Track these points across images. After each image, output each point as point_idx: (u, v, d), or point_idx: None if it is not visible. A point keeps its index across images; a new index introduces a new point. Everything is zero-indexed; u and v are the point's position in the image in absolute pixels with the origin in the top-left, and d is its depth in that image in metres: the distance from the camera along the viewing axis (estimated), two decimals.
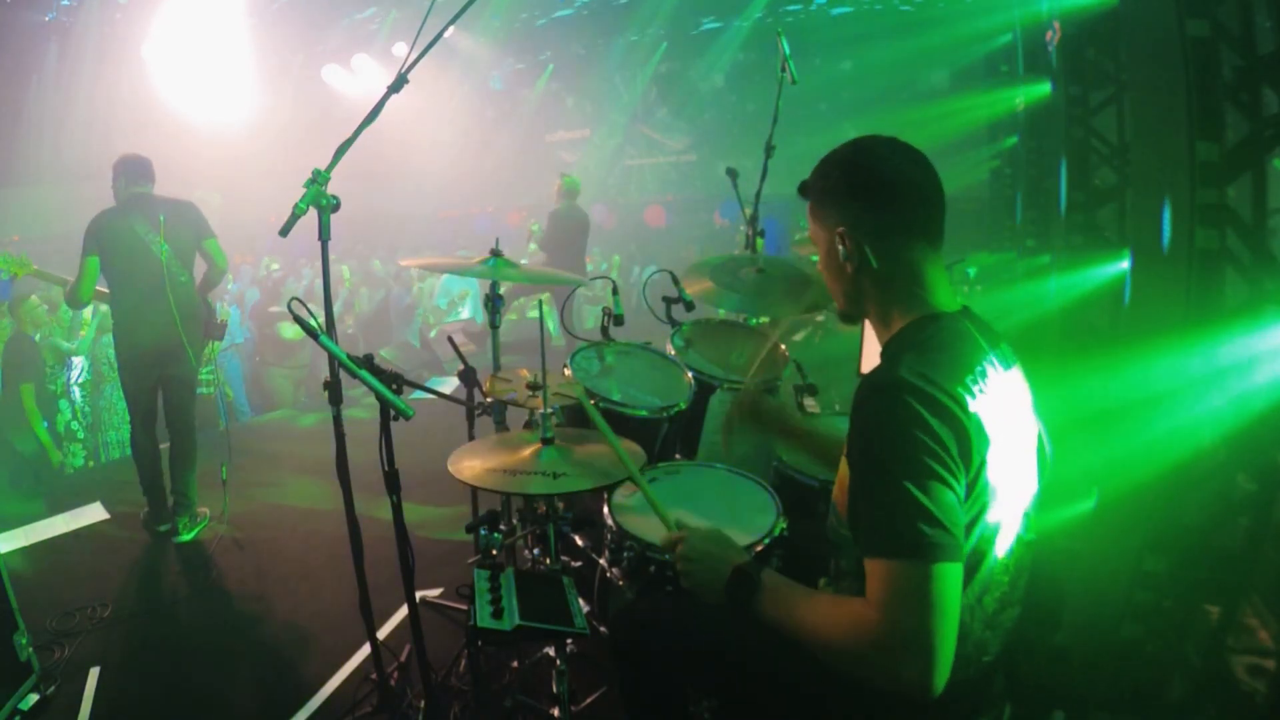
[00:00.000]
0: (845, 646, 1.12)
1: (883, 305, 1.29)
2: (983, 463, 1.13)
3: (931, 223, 1.27)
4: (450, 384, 6.26)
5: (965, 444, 1.10)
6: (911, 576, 1.04)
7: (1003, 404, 1.20)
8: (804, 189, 1.36)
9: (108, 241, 3.43)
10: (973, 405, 1.13)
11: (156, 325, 3.48)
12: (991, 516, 1.17)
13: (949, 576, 1.05)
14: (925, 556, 1.04)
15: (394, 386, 1.77)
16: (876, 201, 1.25)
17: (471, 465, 1.86)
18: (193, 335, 3.60)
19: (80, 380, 5.20)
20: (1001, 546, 1.23)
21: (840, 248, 1.27)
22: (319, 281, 1.93)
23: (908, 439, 1.07)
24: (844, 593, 1.31)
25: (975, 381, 1.16)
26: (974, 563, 1.17)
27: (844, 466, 1.25)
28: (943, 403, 1.10)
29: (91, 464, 5.20)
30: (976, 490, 1.13)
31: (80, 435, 5.14)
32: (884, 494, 1.08)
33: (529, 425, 2.48)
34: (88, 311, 5.08)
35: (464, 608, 2.75)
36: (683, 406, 2.36)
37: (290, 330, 6.32)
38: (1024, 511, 1.28)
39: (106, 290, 3.56)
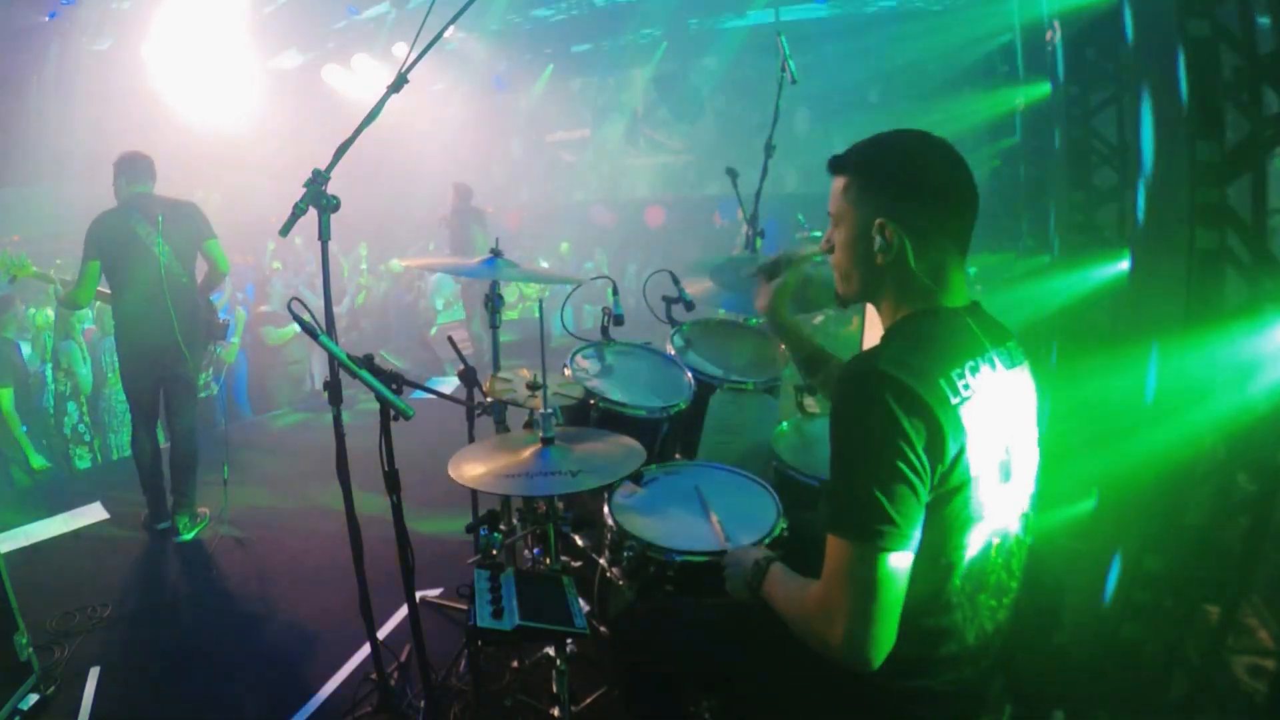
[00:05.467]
0: (797, 614, 1.25)
1: (897, 297, 1.29)
2: (960, 455, 1.13)
3: (968, 229, 1.27)
4: (450, 384, 6.26)
5: (937, 436, 1.11)
6: (856, 556, 1.12)
7: (995, 401, 1.20)
8: (842, 165, 1.30)
9: (108, 243, 3.43)
10: (954, 399, 1.14)
11: (155, 326, 3.47)
12: (979, 512, 1.18)
13: (892, 563, 1.11)
14: (871, 542, 1.11)
15: (394, 386, 1.77)
16: (928, 202, 1.24)
17: (474, 470, 1.85)
18: (191, 337, 3.58)
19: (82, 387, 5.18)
20: (999, 548, 1.23)
21: (879, 238, 1.25)
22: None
23: (875, 433, 1.11)
24: None
25: (961, 376, 1.17)
26: (953, 559, 1.18)
27: None
28: (916, 394, 1.11)
29: (99, 459, 5.19)
30: (952, 481, 1.14)
31: (87, 438, 5.13)
32: (847, 482, 1.14)
33: (529, 425, 2.48)
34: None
35: (464, 608, 2.75)
36: (683, 406, 2.36)
37: (275, 335, 6.26)
38: (1022, 513, 1.28)
39: (108, 291, 3.56)
